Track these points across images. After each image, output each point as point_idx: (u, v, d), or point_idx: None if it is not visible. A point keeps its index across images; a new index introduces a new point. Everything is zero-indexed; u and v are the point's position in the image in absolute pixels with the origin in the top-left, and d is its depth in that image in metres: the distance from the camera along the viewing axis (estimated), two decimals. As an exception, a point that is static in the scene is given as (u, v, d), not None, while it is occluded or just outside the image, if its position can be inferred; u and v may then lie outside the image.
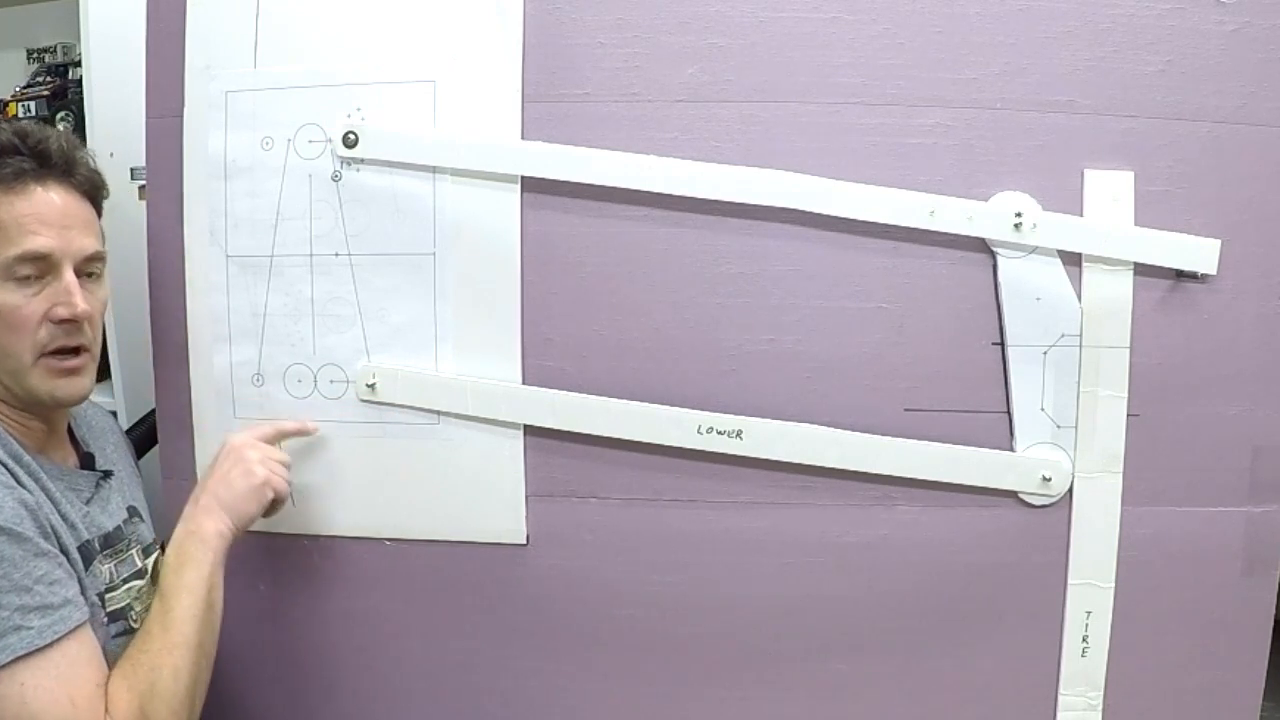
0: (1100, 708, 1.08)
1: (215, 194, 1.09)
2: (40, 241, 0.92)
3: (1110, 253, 1.02)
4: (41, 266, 0.92)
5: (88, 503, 0.99)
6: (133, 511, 1.06)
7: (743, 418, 1.05)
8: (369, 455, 1.10)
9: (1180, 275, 1.03)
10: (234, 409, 1.12)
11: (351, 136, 1.06)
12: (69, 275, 0.94)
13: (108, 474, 1.04)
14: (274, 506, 1.03)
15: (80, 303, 0.94)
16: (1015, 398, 1.05)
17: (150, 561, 1.04)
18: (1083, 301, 1.03)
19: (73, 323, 0.94)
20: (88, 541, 0.95)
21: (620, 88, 1.05)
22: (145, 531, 1.08)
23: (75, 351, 0.95)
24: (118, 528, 1.01)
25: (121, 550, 1.00)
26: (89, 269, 0.97)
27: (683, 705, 1.12)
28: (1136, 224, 1.02)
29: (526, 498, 1.10)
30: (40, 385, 0.94)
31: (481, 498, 1.10)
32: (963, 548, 1.07)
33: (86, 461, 1.04)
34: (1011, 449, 1.05)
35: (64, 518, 0.93)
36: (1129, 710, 1.08)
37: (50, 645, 0.83)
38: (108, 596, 0.96)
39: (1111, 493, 1.05)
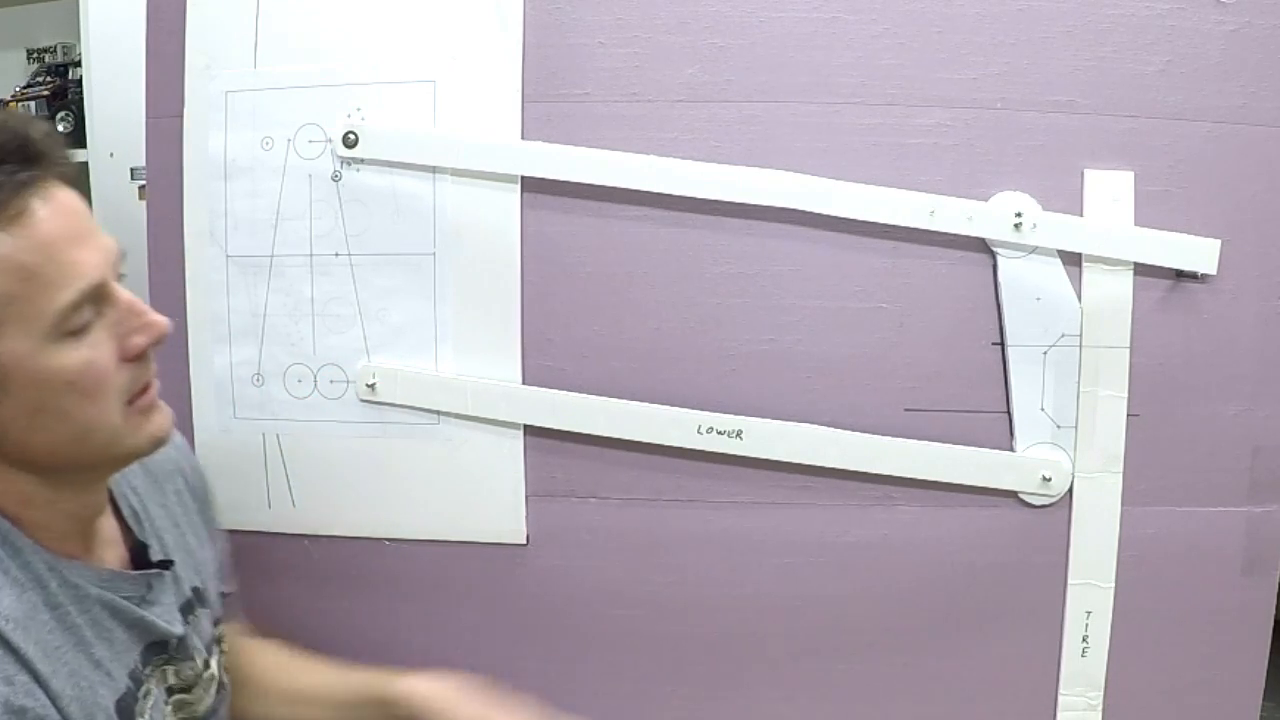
0: (1100, 708, 1.08)
1: (215, 194, 1.09)
2: (89, 269, 0.70)
3: (1110, 253, 1.02)
4: (96, 299, 0.71)
5: (140, 605, 0.79)
6: (194, 599, 0.88)
7: (743, 418, 1.05)
8: (369, 455, 1.10)
9: (1180, 275, 1.03)
10: (234, 409, 1.12)
11: (351, 136, 1.06)
12: (124, 293, 0.73)
13: (166, 565, 0.84)
14: None
15: (158, 316, 0.75)
16: (1015, 398, 1.05)
17: (213, 664, 0.88)
18: (1083, 301, 1.03)
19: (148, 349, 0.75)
20: (130, 687, 0.76)
21: (620, 88, 1.05)
22: (205, 623, 0.89)
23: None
24: (181, 639, 0.83)
25: (179, 659, 0.83)
26: (119, 271, 0.75)
27: (682, 705, 1.12)
28: (1136, 224, 1.02)
29: (526, 498, 1.10)
30: (137, 436, 0.75)
31: (481, 498, 1.10)
32: (963, 548, 1.07)
33: (139, 554, 0.83)
34: (1011, 449, 1.05)
35: (97, 663, 0.73)
36: (1129, 710, 1.08)
37: None
38: None
39: (1111, 493, 1.05)
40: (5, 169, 0.66)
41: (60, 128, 1.71)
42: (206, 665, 0.87)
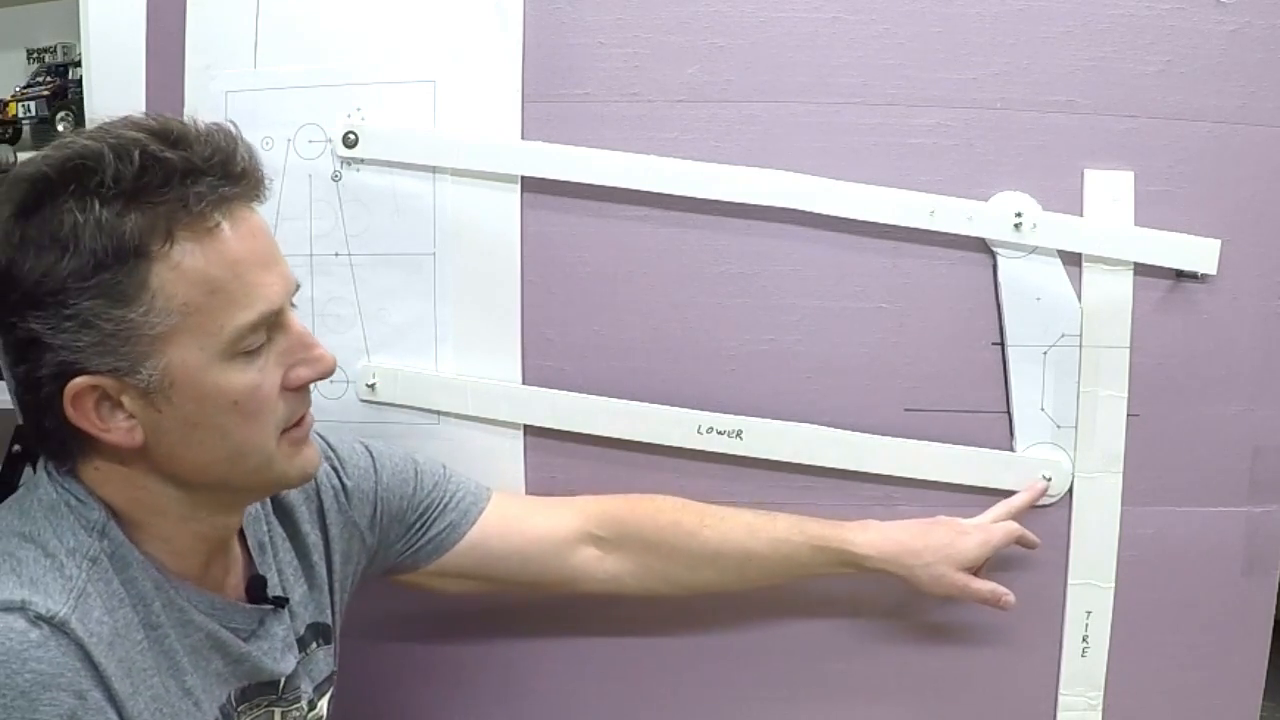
0: (1100, 708, 1.08)
1: (215, 194, 1.09)
2: (271, 293, 0.70)
3: (1110, 253, 1.02)
4: (272, 324, 0.71)
5: (248, 640, 0.78)
6: (310, 635, 0.86)
7: (743, 418, 1.05)
8: (369, 455, 1.10)
9: (1180, 275, 1.03)
10: (234, 409, 1.12)
11: (351, 136, 1.06)
12: (297, 323, 0.73)
13: (280, 602, 0.82)
14: None
15: (327, 353, 0.74)
16: (1015, 398, 1.05)
17: (321, 704, 0.86)
18: (1083, 301, 1.03)
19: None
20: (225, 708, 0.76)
21: (620, 88, 1.05)
22: (320, 660, 0.87)
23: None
24: (289, 679, 0.81)
25: (286, 701, 0.81)
26: (293, 301, 0.75)
27: (682, 705, 1.12)
28: (1136, 224, 1.02)
29: (526, 498, 1.10)
30: (287, 467, 0.74)
31: (481, 498, 1.10)
32: (963, 548, 1.07)
33: (257, 586, 0.81)
34: (1011, 449, 1.05)
35: (187, 691, 0.72)
36: (1129, 710, 1.08)
37: None
38: None
39: (1111, 493, 1.05)
40: (206, 181, 0.66)
41: (60, 128, 1.71)
42: (312, 705, 0.85)
